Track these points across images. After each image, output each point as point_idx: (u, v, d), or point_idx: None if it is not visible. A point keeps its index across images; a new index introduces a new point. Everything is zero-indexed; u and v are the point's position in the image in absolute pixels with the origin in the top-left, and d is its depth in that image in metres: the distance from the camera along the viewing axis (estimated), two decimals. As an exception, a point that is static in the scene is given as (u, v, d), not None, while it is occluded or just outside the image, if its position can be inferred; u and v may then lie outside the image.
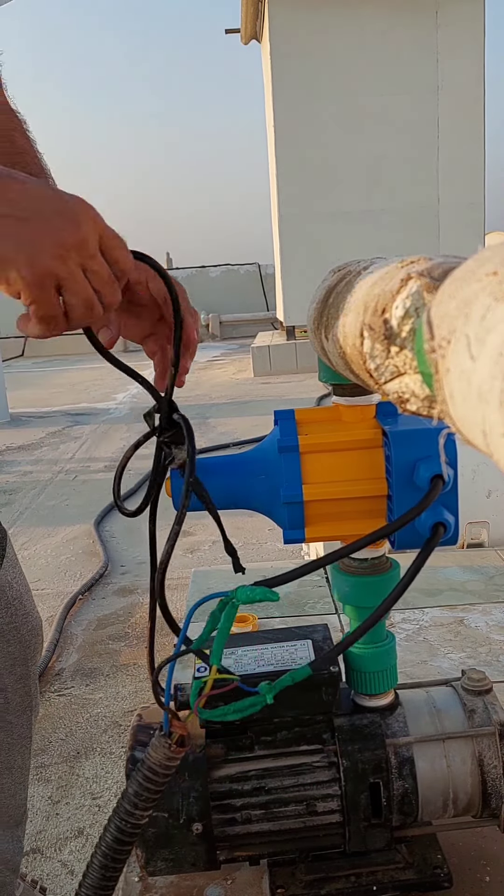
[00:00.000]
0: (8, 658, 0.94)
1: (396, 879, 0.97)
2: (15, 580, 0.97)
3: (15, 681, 0.96)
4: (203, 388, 6.86)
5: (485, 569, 2.20)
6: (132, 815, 0.79)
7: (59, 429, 5.44)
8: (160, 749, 0.78)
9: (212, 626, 0.74)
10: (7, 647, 0.94)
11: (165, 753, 0.78)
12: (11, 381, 6.44)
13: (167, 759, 0.78)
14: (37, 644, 1.00)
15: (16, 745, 0.98)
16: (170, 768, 0.79)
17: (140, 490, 3.74)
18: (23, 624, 0.96)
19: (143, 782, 0.79)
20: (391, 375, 0.44)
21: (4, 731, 0.96)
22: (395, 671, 0.96)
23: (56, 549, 3.03)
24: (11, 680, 0.95)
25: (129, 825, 0.80)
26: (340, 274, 0.72)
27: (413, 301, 0.41)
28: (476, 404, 0.28)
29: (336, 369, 0.77)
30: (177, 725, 0.79)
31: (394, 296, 0.43)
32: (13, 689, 0.96)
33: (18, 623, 0.95)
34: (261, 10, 7.42)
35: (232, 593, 0.72)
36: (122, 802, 0.80)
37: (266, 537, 2.89)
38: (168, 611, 0.84)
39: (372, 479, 0.82)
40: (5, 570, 0.95)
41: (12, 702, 0.96)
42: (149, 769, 0.79)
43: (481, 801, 0.94)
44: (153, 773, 0.79)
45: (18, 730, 0.98)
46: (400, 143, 7.17)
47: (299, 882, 0.98)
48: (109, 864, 0.80)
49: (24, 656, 0.97)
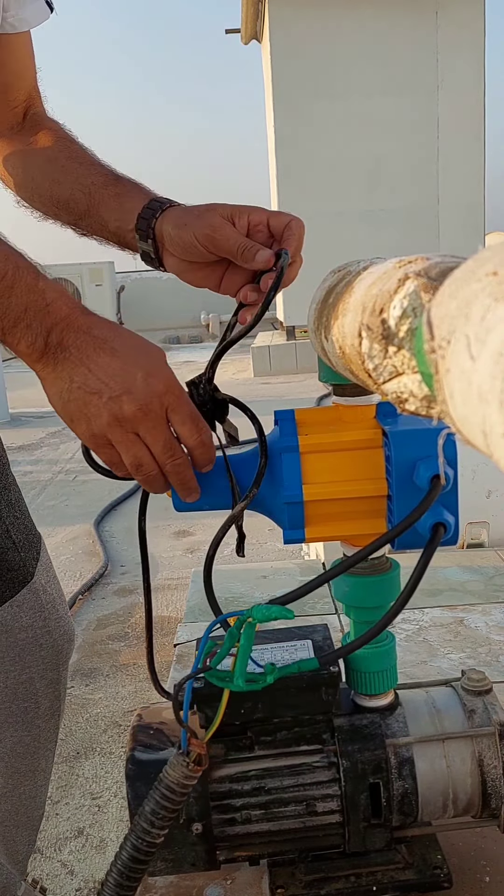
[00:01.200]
0: (41, 663, 0.94)
1: (396, 880, 0.97)
2: (49, 584, 0.97)
3: (46, 685, 0.95)
4: (203, 388, 6.85)
5: (485, 569, 2.20)
6: (149, 833, 0.79)
7: (59, 429, 5.44)
8: (178, 768, 0.78)
9: (230, 645, 0.74)
10: (40, 651, 0.93)
11: (184, 772, 0.78)
12: (11, 381, 6.44)
13: (185, 778, 0.78)
14: (69, 649, 1.00)
15: (41, 749, 0.98)
16: (187, 787, 0.78)
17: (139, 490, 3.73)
18: (56, 629, 0.96)
19: (161, 801, 0.78)
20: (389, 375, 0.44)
21: (32, 735, 0.95)
22: (394, 671, 0.96)
23: (56, 549, 3.04)
24: (43, 685, 0.95)
25: (146, 843, 0.79)
26: (340, 274, 0.72)
27: (410, 301, 0.42)
28: (476, 404, 0.28)
29: (336, 369, 0.77)
30: (195, 744, 0.78)
31: (391, 296, 0.43)
32: (44, 693, 0.95)
33: (52, 627, 0.95)
34: (261, 11, 7.42)
35: (248, 612, 0.72)
36: (138, 821, 0.80)
37: (266, 537, 2.89)
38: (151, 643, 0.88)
39: (372, 479, 0.82)
40: (39, 575, 0.95)
41: (42, 706, 0.95)
42: (166, 787, 0.78)
43: (481, 802, 0.94)
44: (171, 791, 0.78)
45: (46, 734, 0.98)
46: (400, 143, 7.17)
47: (299, 882, 0.98)
48: (125, 882, 0.80)
49: (55, 662, 0.96)
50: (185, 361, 8.89)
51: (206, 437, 0.74)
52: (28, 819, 1.00)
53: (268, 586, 2.21)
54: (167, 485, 0.75)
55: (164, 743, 0.91)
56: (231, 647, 0.74)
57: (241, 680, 0.72)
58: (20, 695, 0.92)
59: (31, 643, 0.92)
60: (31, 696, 0.93)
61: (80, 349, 0.68)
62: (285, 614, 0.69)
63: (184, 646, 1.81)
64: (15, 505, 0.95)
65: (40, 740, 0.96)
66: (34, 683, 0.93)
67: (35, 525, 1.00)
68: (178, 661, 1.75)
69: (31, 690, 0.93)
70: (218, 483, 0.84)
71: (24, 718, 0.93)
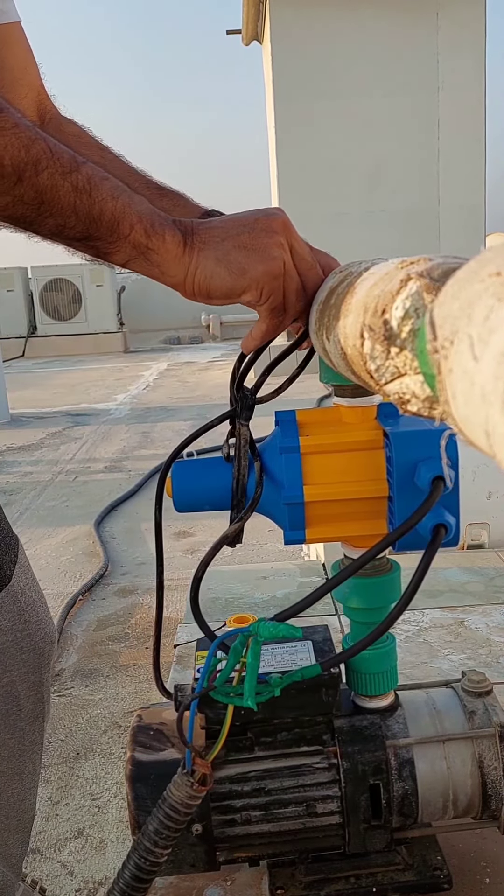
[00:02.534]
0: (22, 666, 0.94)
1: (396, 881, 0.97)
2: (28, 587, 0.97)
3: (28, 688, 0.95)
4: (203, 388, 6.86)
5: (485, 570, 2.20)
6: (152, 852, 0.79)
7: (59, 429, 5.44)
8: (182, 787, 0.77)
9: (234, 662, 0.74)
10: (21, 654, 0.93)
11: (188, 792, 0.77)
12: (12, 382, 6.44)
13: (189, 798, 0.77)
14: (50, 652, 0.99)
15: (27, 751, 0.98)
16: (191, 807, 0.78)
17: (140, 491, 3.74)
18: (36, 631, 0.96)
19: (164, 820, 0.78)
20: (392, 376, 0.44)
21: (16, 738, 0.95)
22: (395, 672, 0.96)
23: (56, 549, 3.03)
24: (25, 687, 0.95)
25: (149, 863, 0.79)
26: (341, 275, 0.72)
27: (413, 302, 0.41)
28: (479, 405, 0.28)
29: (337, 370, 0.77)
30: (199, 763, 0.78)
31: (393, 296, 0.43)
32: (26, 696, 0.95)
33: (32, 630, 0.95)
34: (262, 12, 7.42)
35: (254, 628, 0.71)
36: (141, 839, 0.79)
37: (266, 538, 2.89)
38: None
39: (373, 480, 0.82)
40: (18, 577, 0.94)
41: (24, 709, 0.96)
42: (170, 807, 0.78)
43: (481, 803, 0.94)
44: (174, 811, 0.78)
45: (30, 736, 0.98)
46: (400, 144, 7.17)
47: (299, 883, 0.98)
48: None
49: (37, 664, 0.96)
50: (186, 362, 8.90)
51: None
52: (18, 822, 1.00)
53: (268, 587, 2.21)
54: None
55: (164, 744, 0.91)
56: (235, 663, 0.73)
57: (252, 698, 0.72)
58: (1, 697, 0.92)
59: (11, 646, 0.92)
60: (12, 699, 0.93)
61: (212, 234, 0.73)
62: (293, 633, 0.69)
63: (184, 646, 1.81)
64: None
65: (25, 743, 0.97)
66: (16, 686, 0.94)
67: (12, 528, 1.00)
68: (179, 661, 1.75)
69: (13, 693, 0.93)
70: (218, 484, 0.84)
71: (7, 721, 0.94)
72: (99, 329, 10.71)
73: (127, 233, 0.69)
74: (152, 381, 7.63)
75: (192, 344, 11.26)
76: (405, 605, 0.72)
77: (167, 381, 7.56)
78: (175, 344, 11.29)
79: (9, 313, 10.90)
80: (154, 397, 6.58)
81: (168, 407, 6.04)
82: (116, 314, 10.94)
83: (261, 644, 0.72)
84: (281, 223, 0.76)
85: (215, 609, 2.05)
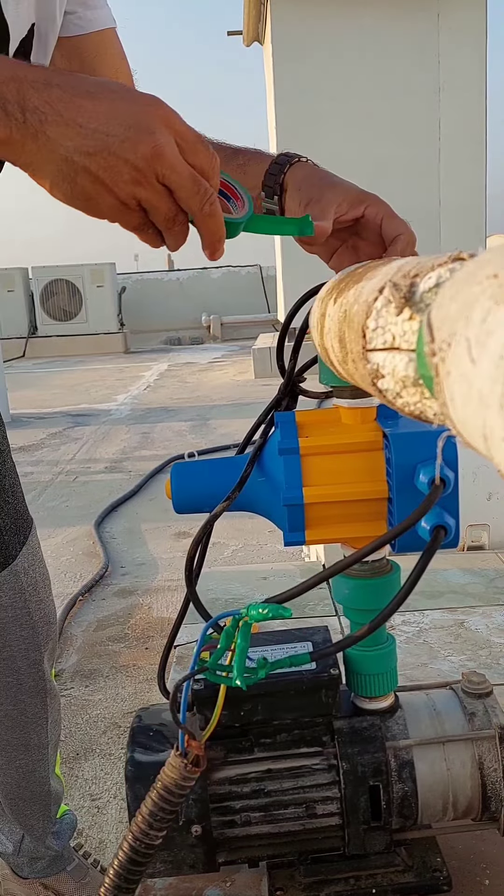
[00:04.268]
0: (21, 642, 1.02)
1: (396, 882, 0.97)
2: (32, 568, 1.03)
3: (28, 665, 1.03)
4: (204, 389, 6.86)
5: (485, 571, 2.20)
6: (147, 834, 0.79)
7: (59, 430, 5.44)
8: (176, 769, 0.77)
9: (226, 645, 0.74)
10: (20, 630, 1.01)
11: (181, 773, 0.77)
12: (12, 382, 6.44)
13: (182, 779, 0.77)
14: (49, 632, 1.07)
15: (30, 723, 1.06)
16: (185, 788, 0.78)
17: (139, 491, 3.74)
18: (36, 610, 1.03)
19: (158, 801, 0.78)
20: (383, 344, 0.44)
21: (18, 709, 1.04)
22: (395, 674, 0.96)
23: (56, 550, 3.03)
24: (25, 664, 1.03)
25: (143, 845, 0.79)
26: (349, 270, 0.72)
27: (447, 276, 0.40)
28: (477, 407, 0.28)
29: (333, 369, 0.77)
30: (193, 745, 0.78)
31: (434, 267, 0.41)
32: (26, 672, 1.03)
33: (32, 609, 1.02)
34: (263, 13, 7.42)
35: (244, 611, 0.71)
36: (135, 822, 0.79)
37: (266, 539, 2.89)
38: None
39: (372, 481, 0.82)
40: (23, 558, 1.01)
41: (25, 684, 1.03)
42: (164, 788, 0.78)
43: (481, 805, 0.94)
44: (168, 792, 0.78)
45: (32, 709, 1.05)
46: (401, 145, 7.17)
47: (298, 884, 0.98)
48: (122, 884, 0.79)
49: (36, 642, 1.03)
50: (187, 363, 8.89)
51: (216, 162, 0.63)
52: (32, 794, 1.08)
53: (268, 588, 2.21)
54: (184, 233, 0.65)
55: (163, 744, 0.91)
56: (227, 646, 0.74)
57: (240, 677, 0.72)
58: (2, 670, 1.01)
59: (10, 622, 1.00)
60: (12, 673, 1.02)
61: (53, 104, 0.56)
62: (281, 613, 0.69)
63: (184, 647, 1.81)
64: (8, 490, 1.00)
65: (27, 714, 1.05)
66: (16, 661, 1.02)
67: (28, 511, 1.06)
68: (178, 662, 1.76)
69: (13, 667, 1.02)
70: (218, 485, 0.84)
71: (8, 693, 1.02)
72: (99, 329, 10.72)
73: None
74: (153, 381, 7.63)
75: (192, 345, 11.26)
76: (399, 604, 0.72)
77: (167, 381, 7.56)
78: (175, 344, 11.29)
79: (9, 314, 10.91)
80: (154, 398, 6.58)
81: (168, 408, 6.04)
82: (117, 315, 10.94)
83: (251, 625, 0.72)
84: (162, 122, 0.59)
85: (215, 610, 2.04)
